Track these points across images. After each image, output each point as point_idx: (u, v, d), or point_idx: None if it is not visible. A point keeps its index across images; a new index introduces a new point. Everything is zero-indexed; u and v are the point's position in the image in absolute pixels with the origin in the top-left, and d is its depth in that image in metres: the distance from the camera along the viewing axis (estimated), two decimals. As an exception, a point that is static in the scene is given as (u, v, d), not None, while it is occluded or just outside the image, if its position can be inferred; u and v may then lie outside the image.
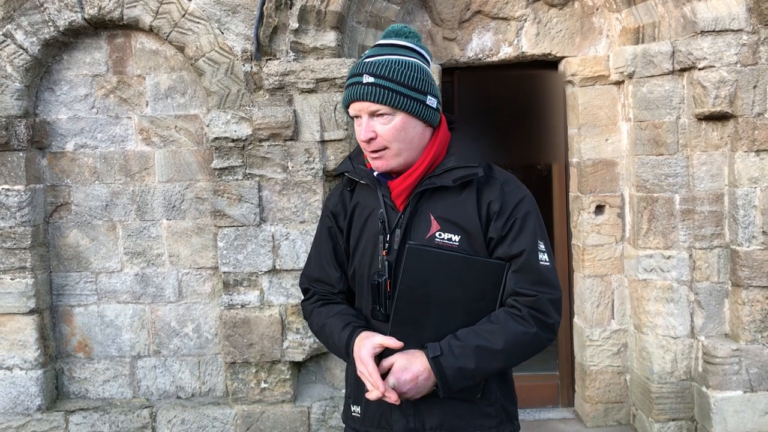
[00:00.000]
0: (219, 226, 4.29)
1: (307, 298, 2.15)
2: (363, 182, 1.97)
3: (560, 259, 4.94)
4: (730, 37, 3.93)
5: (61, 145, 4.46)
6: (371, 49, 1.91)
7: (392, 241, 1.89)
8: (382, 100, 1.80)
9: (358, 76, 1.84)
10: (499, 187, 1.88)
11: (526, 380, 5.06)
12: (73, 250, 4.50)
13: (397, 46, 1.88)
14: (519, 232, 1.84)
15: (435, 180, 1.87)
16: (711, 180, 4.13)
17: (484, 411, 1.92)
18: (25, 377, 4.36)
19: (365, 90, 1.81)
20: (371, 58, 1.85)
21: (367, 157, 1.92)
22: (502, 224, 1.84)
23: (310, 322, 2.11)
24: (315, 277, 2.11)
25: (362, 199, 1.99)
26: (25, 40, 4.22)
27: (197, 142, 4.45)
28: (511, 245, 1.83)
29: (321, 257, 2.09)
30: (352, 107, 1.86)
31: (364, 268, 1.96)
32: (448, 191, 1.88)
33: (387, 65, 1.82)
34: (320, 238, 2.10)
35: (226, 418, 4.35)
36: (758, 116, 3.96)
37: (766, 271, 3.98)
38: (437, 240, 1.85)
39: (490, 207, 1.85)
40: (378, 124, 1.83)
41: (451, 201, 1.87)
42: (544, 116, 5.03)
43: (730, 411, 4.01)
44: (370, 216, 1.95)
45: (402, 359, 1.82)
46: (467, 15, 4.58)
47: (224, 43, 4.22)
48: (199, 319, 4.53)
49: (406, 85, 1.82)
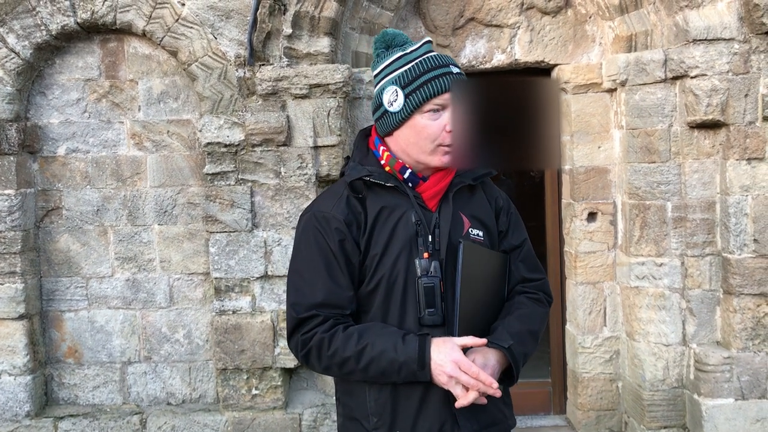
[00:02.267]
0: (211, 232, 4.27)
1: (312, 326, 1.83)
2: (389, 185, 1.87)
3: (552, 266, 4.95)
4: (722, 45, 3.95)
5: (52, 149, 4.44)
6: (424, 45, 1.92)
7: (434, 241, 1.86)
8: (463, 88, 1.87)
9: (443, 67, 1.85)
10: (493, 186, 2.07)
11: (518, 387, 4.97)
12: (63, 255, 4.47)
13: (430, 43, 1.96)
14: (516, 224, 2.05)
15: (462, 179, 1.95)
16: (703, 188, 4.15)
17: (507, 402, 2.03)
18: (13, 383, 4.32)
19: (457, 78, 1.86)
20: (434, 53, 1.90)
21: (433, 156, 1.86)
22: (505, 218, 2.03)
23: (328, 347, 1.80)
24: (319, 302, 1.83)
25: (384, 203, 1.87)
26: (17, 44, 4.21)
27: (190, 147, 4.43)
28: (513, 237, 2.02)
29: (328, 277, 1.83)
30: (442, 98, 1.84)
31: (398, 274, 1.83)
32: (463, 190, 1.97)
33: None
34: (325, 255, 1.84)
35: (216, 424, 4.33)
36: (750, 124, 3.97)
37: (757, 279, 3.99)
38: (472, 236, 1.92)
39: (497, 202, 2.03)
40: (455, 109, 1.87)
41: (469, 199, 1.98)
42: (537, 123, 5.03)
43: (721, 419, 4.02)
44: (401, 220, 1.85)
45: (479, 357, 1.81)
46: (461, 22, 4.59)
47: (217, 48, 4.21)
48: (190, 325, 4.50)
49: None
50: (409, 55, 1.88)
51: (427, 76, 1.84)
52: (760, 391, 4.03)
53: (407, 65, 1.87)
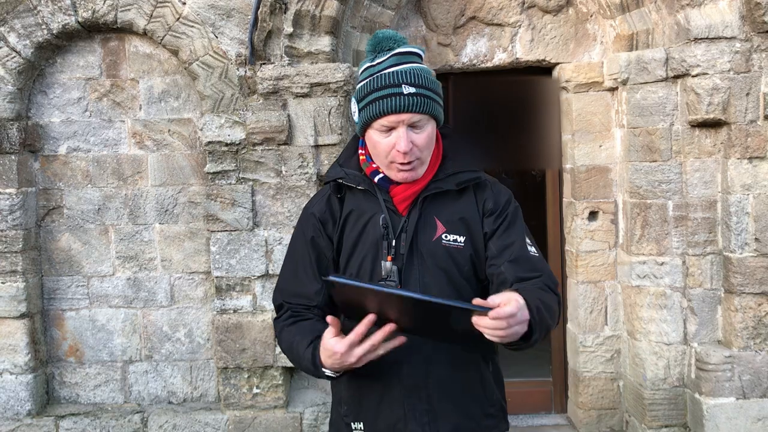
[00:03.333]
0: (212, 231, 4.27)
1: (279, 315, 2.03)
2: (360, 188, 1.92)
3: (554, 265, 4.94)
4: (724, 44, 3.94)
5: (53, 148, 4.44)
6: (390, 58, 1.85)
7: (398, 245, 1.88)
8: (425, 110, 1.81)
9: (394, 87, 1.80)
10: (489, 188, 1.97)
11: (520, 386, 5.05)
12: (65, 254, 4.48)
13: (411, 54, 1.87)
14: (509, 225, 1.92)
15: (441, 184, 1.90)
16: (704, 187, 4.14)
17: (488, 412, 1.97)
18: (15, 382, 4.32)
19: (409, 101, 1.79)
20: (397, 68, 1.82)
21: (392, 170, 1.87)
22: (494, 219, 1.92)
23: (280, 340, 2.01)
24: (290, 291, 2.01)
25: (357, 205, 1.94)
26: (18, 43, 4.21)
27: (191, 146, 4.43)
28: (502, 237, 1.90)
29: (298, 268, 2.00)
30: (388, 119, 1.81)
31: (364, 276, 1.91)
32: (448, 194, 1.92)
33: (418, 74, 1.82)
34: (299, 248, 2.01)
35: (217, 423, 4.33)
36: (751, 123, 3.97)
37: (758, 278, 3.99)
38: (444, 242, 1.89)
39: (485, 205, 1.94)
40: (413, 133, 1.82)
41: (453, 203, 1.92)
42: (539, 122, 5.04)
43: (722, 418, 4.01)
44: (370, 222, 1.91)
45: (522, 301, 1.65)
46: (462, 21, 4.59)
47: (218, 47, 4.21)
48: (191, 324, 4.51)
49: (435, 92, 1.85)
50: (374, 68, 1.86)
51: (376, 94, 1.82)
52: (762, 390, 4.02)
53: (367, 79, 1.87)
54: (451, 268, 1.88)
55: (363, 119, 1.87)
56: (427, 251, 1.88)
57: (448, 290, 1.87)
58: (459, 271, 1.89)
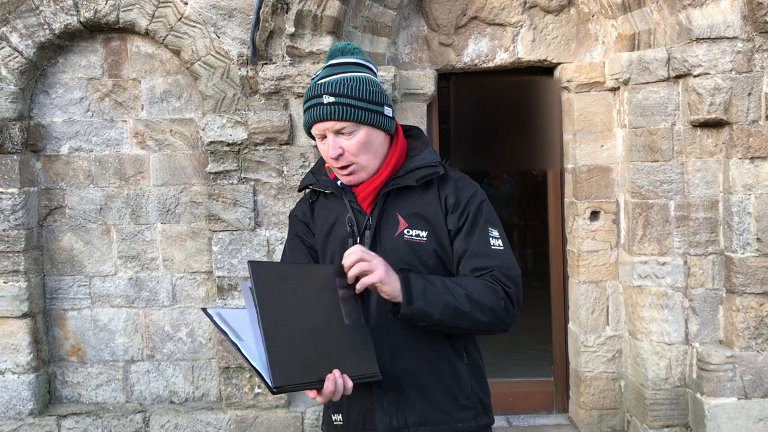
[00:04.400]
0: (214, 231, 4.28)
1: None
2: (328, 191, 2.03)
3: (555, 264, 4.95)
4: (725, 44, 3.94)
5: (55, 148, 4.45)
6: (322, 70, 1.95)
7: (363, 242, 1.94)
8: (346, 117, 1.86)
9: (317, 98, 1.89)
10: (453, 183, 1.99)
11: (521, 386, 5.06)
12: (66, 254, 4.48)
13: (346, 64, 1.94)
14: (473, 224, 1.94)
15: (399, 180, 1.96)
16: (706, 187, 4.14)
17: (462, 404, 1.98)
18: (17, 381, 4.33)
19: (328, 110, 1.86)
20: (325, 79, 1.90)
21: (337, 174, 1.97)
22: (457, 217, 1.94)
23: None
24: None
25: (326, 208, 2.05)
26: (20, 43, 4.21)
27: (192, 146, 4.44)
28: (466, 237, 1.93)
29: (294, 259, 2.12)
30: (316, 128, 1.91)
31: None
32: (412, 191, 1.97)
33: (343, 83, 1.88)
34: (289, 247, 2.13)
35: (219, 423, 4.33)
36: (753, 123, 3.97)
37: (760, 278, 3.99)
38: (406, 237, 1.94)
39: (447, 200, 1.96)
40: (343, 140, 1.89)
41: (416, 199, 1.97)
42: (540, 122, 5.04)
43: (724, 418, 4.01)
44: (336, 222, 2.00)
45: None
46: (463, 21, 4.59)
47: (220, 47, 4.21)
48: (193, 324, 4.51)
49: (364, 99, 1.89)
50: (313, 79, 1.96)
51: (306, 105, 1.93)
52: (763, 390, 4.02)
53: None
54: (414, 262, 1.92)
55: (304, 128, 1.99)
56: (390, 247, 1.93)
57: None
58: (423, 264, 1.92)
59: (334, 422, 2.04)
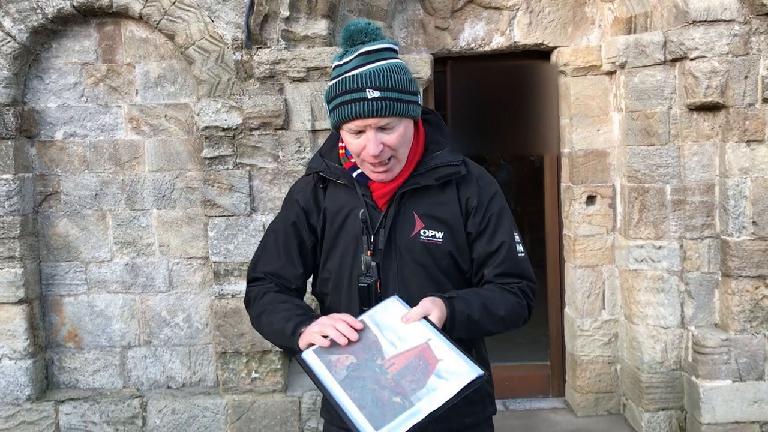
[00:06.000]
0: (209, 216, 4.27)
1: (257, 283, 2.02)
2: (340, 182, 1.92)
3: (551, 249, 4.95)
4: (722, 27, 3.92)
5: (50, 133, 4.43)
6: (356, 58, 1.79)
7: (377, 241, 1.87)
8: (393, 113, 1.75)
9: (357, 92, 1.75)
10: (475, 183, 1.92)
11: (518, 370, 5.08)
12: (62, 240, 4.47)
13: (379, 51, 1.80)
14: (496, 227, 1.90)
15: (419, 179, 1.87)
16: (702, 170, 4.14)
17: (471, 399, 1.94)
18: (14, 367, 4.34)
19: (374, 106, 1.74)
20: (360, 69, 1.76)
21: (367, 171, 1.86)
22: (479, 220, 1.89)
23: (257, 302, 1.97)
24: (271, 271, 2.00)
25: (337, 198, 1.94)
26: (13, 28, 4.18)
27: (187, 131, 4.42)
28: (490, 242, 1.89)
29: (281, 251, 2.00)
30: (354, 124, 1.77)
31: (344, 270, 1.92)
32: (430, 188, 1.90)
33: (386, 75, 1.75)
34: (282, 231, 2.00)
35: (216, 407, 4.35)
36: (749, 107, 3.96)
37: (755, 261, 3.99)
38: (422, 238, 1.88)
39: (468, 202, 1.90)
40: (383, 135, 1.78)
41: (433, 198, 1.89)
42: (536, 106, 5.03)
43: (719, 400, 4.03)
44: (349, 216, 1.91)
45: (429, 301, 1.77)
46: (459, 4, 4.56)
47: (214, 31, 4.18)
48: (189, 309, 4.51)
49: (406, 91, 1.79)
50: (341, 68, 1.81)
51: (341, 98, 1.78)
52: (758, 373, 4.04)
53: (335, 80, 1.82)
54: (429, 262, 1.88)
55: (333, 121, 1.84)
56: (405, 246, 1.88)
57: (427, 284, 1.88)
58: (437, 265, 1.89)
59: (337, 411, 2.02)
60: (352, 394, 1.61)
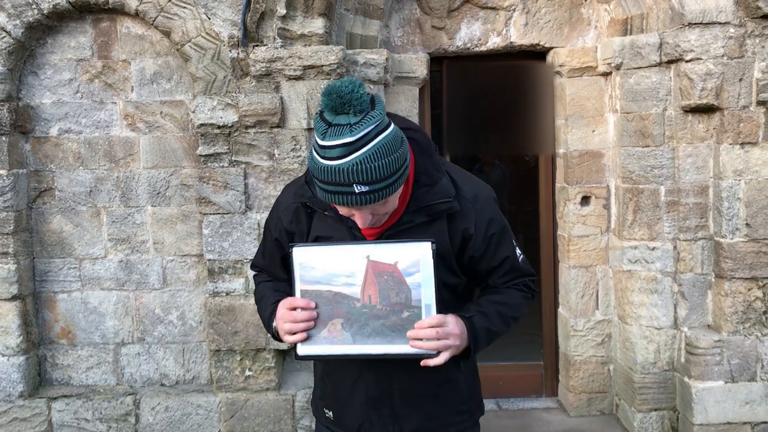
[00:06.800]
0: (204, 214, 4.26)
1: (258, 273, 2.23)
2: (327, 213, 1.88)
3: (545, 249, 4.96)
4: (717, 29, 3.94)
5: (44, 129, 4.41)
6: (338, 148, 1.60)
7: None
8: (382, 198, 1.67)
9: (346, 186, 1.62)
10: (470, 210, 1.87)
11: (511, 370, 5.09)
12: (56, 236, 4.46)
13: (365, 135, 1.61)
14: (498, 245, 1.93)
15: (413, 217, 1.83)
16: (696, 172, 4.15)
17: (457, 409, 2.01)
18: (7, 363, 4.32)
19: (363, 199, 1.65)
20: (348, 159, 1.60)
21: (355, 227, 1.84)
22: (480, 242, 1.90)
23: (255, 291, 2.20)
24: (263, 267, 2.20)
25: (325, 226, 1.91)
26: (7, 23, 4.16)
27: (183, 128, 4.41)
28: (493, 258, 1.94)
29: (267, 258, 2.15)
30: (343, 210, 1.74)
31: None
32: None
33: (372, 168, 1.61)
34: (269, 241, 2.10)
35: (210, 405, 4.34)
36: (744, 109, 3.97)
37: (748, 263, 4.01)
38: None
39: (465, 232, 1.88)
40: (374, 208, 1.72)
41: (421, 229, 1.84)
42: (532, 107, 5.03)
43: (711, 401, 4.05)
44: None
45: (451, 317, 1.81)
46: (456, 4, 4.57)
47: (211, 28, 4.18)
48: (183, 307, 4.51)
49: (396, 172, 1.67)
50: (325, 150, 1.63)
51: (328, 187, 1.66)
52: (750, 374, 4.06)
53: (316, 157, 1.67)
54: None
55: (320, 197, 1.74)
56: None
57: None
58: None
59: (324, 413, 2.08)
60: (375, 341, 1.71)
